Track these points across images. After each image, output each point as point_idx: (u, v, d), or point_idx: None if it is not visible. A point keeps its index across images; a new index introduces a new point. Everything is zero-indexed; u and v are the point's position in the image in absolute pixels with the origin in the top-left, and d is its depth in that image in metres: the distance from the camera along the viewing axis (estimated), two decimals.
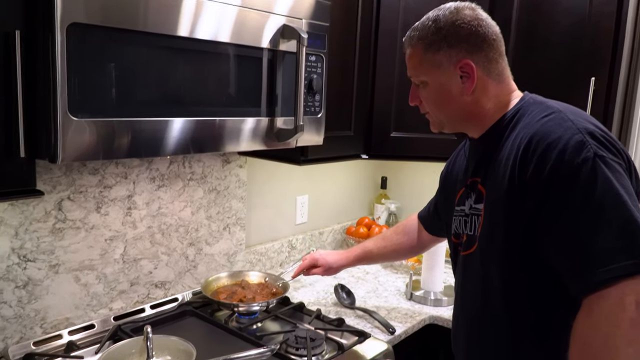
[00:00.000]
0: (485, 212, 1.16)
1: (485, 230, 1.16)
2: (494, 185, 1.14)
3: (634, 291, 0.90)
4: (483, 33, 1.14)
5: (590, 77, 1.81)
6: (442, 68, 1.16)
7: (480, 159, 1.22)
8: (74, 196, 1.49)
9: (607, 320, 0.91)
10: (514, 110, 1.17)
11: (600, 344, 0.91)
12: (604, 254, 0.92)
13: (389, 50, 1.98)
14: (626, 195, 0.95)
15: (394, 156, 2.13)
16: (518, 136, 1.09)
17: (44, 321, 1.47)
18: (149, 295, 1.73)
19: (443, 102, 1.20)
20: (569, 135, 1.00)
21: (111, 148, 1.13)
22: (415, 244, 1.73)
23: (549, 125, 1.04)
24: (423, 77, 1.20)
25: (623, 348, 0.90)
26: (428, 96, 1.22)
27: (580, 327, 0.95)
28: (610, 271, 0.91)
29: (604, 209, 0.94)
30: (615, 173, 0.96)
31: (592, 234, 0.94)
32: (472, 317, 1.25)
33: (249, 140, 1.43)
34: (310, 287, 2.04)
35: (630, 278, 0.90)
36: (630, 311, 0.89)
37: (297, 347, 1.46)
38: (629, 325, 0.90)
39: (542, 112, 1.09)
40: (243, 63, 1.38)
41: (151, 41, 1.17)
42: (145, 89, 1.18)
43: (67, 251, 1.50)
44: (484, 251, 1.17)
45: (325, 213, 2.51)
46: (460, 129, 1.27)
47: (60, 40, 1.01)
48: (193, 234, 1.84)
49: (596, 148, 0.98)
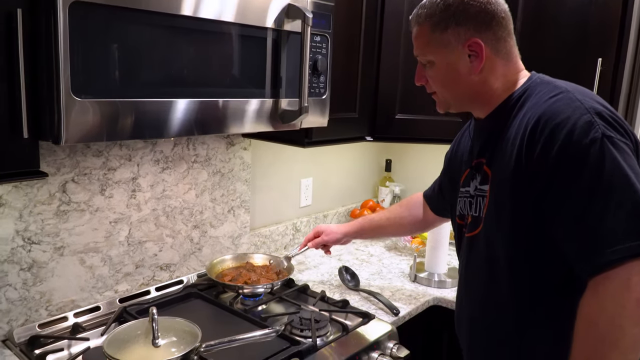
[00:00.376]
0: (490, 193, 1.15)
1: (490, 212, 1.15)
2: (500, 166, 1.12)
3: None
4: (492, 11, 1.12)
5: (598, 57, 1.79)
6: (450, 47, 1.14)
7: (486, 139, 1.21)
8: (78, 178, 1.49)
9: (613, 301, 0.91)
10: (522, 90, 1.15)
11: (606, 324, 0.91)
12: (611, 234, 0.92)
13: (394, 31, 1.96)
14: (634, 176, 0.94)
15: (398, 138, 2.12)
16: (525, 116, 1.08)
17: (49, 303, 1.48)
18: (154, 278, 1.73)
19: (450, 82, 1.18)
20: (577, 115, 0.99)
21: (115, 129, 1.12)
22: (419, 222, 1.73)
23: (557, 105, 1.03)
24: (430, 56, 1.18)
25: (629, 328, 0.90)
26: (435, 76, 1.20)
27: (587, 307, 0.95)
28: (617, 252, 0.91)
29: (611, 190, 0.93)
30: (623, 154, 0.96)
31: (599, 215, 0.93)
32: (476, 298, 1.24)
33: (253, 122, 1.42)
34: (314, 269, 2.05)
35: (637, 259, 0.90)
36: (637, 292, 0.90)
37: (301, 328, 1.46)
38: (635, 306, 0.90)
39: (550, 92, 1.08)
40: (247, 43, 1.36)
41: (154, 20, 1.16)
42: (148, 69, 1.17)
43: (72, 233, 1.50)
44: (489, 232, 1.16)
45: (330, 196, 2.51)
46: (467, 108, 1.25)
47: (63, 19, 1.00)
48: (197, 216, 1.84)
49: (604, 128, 0.97)
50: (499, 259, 1.14)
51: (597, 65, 1.79)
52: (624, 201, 0.92)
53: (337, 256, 2.20)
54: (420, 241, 2.26)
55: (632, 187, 0.93)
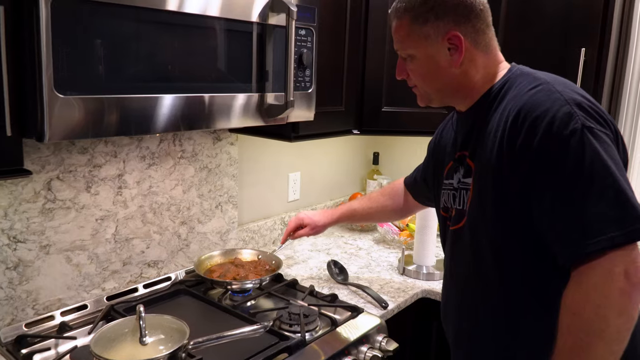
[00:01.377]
0: (474, 186, 1.16)
1: (474, 205, 1.16)
2: (482, 159, 1.13)
3: (623, 261, 0.91)
4: (470, 3, 1.13)
5: (581, 47, 1.80)
6: (429, 40, 1.14)
7: (468, 132, 1.21)
8: (64, 176, 1.47)
9: (597, 291, 0.92)
10: (502, 82, 1.16)
11: (591, 314, 0.92)
12: (593, 225, 0.93)
13: (379, 24, 1.96)
14: (614, 166, 0.95)
15: (385, 131, 2.12)
16: (506, 109, 1.08)
17: (36, 302, 1.47)
18: (142, 275, 1.72)
19: (431, 75, 1.19)
20: (557, 107, 0.99)
21: (100, 126, 1.11)
22: (400, 208, 1.74)
23: (536, 97, 1.04)
24: (410, 50, 1.18)
25: (613, 318, 0.91)
26: (416, 69, 1.20)
27: (570, 298, 0.96)
28: (599, 242, 0.92)
29: (592, 181, 0.94)
30: (603, 144, 0.97)
31: (580, 206, 0.94)
32: (462, 290, 1.25)
33: (240, 117, 1.41)
34: (303, 263, 2.05)
35: (619, 249, 0.91)
36: (620, 281, 0.91)
37: (290, 323, 1.46)
38: (619, 295, 0.91)
39: (530, 83, 1.08)
40: (232, 38, 1.35)
41: (139, 15, 1.14)
42: (133, 65, 1.16)
43: (58, 231, 1.48)
44: (474, 225, 1.17)
45: (318, 189, 2.51)
46: (448, 102, 1.25)
47: (45, 15, 0.98)
48: (185, 212, 1.83)
49: (584, 119, 0.97)
50: (484, 251, 1.15)
51: (581, 56, 1.80)
52: (605, 191, 0.93)
53: (325, 250, 2.20)
54: (408, 234, 2.27)
55: (612, 176, 0.94)
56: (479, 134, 1.15)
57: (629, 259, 0.91)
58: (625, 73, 1.91)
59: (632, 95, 1.91)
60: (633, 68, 1.89)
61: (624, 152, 1.04)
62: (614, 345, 0.92)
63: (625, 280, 0.90)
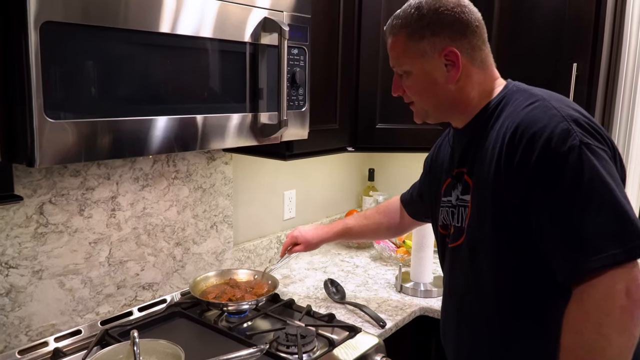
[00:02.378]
0: (472, 203, 1.15)
1: (473, 222, 1.15)
2: (480, 176, 1.12)
3: (624, 279, 0.90)
4: (466, 20, 1.13)
5: (574, 62, 1.81)
6: (426, 56, 1.14)
7: (465, 148, 1.21)
8: (56, 199, 1.46)
9: (598, 309, 0.91)
10: (498, 98, 1.16)
11: (592, 333, 0.91)
12: (593, 242, 0.92)
13: (372, 41, 1.96)
14: (613, 182, 0.94)
15: (380, 148, 2.12)
16: (503, 125, 1.08)
17: (29, 329, 1.44)
18: (137, 298, 1.70)
19: (428, 92, 1.18)
20: (555, 123, 0.99)
21: (92, 149, 1.10)
22: (395, 226, 1.73)
23: (533, 113, 1.03)
24: (406, 66, 1.18)
25: (615, 337, 0.90)
26: (412, 85, 1.20)
27: (572, 316, 0.94)
28: (600, 260, 0.91)
29: (591, 197, 0.93)
30: (601, 160, 0.96)
31: (580, 223, 0.94)
32: (462, 308, 1.24)
33: (234, 137, 1.40)
34: (300, 282, 2.03)
35: (620, 266, 0.90)
36: (621, 299, 0.90)
37: (287, 344, 1.44)
38: (620, 314, 0.90)
39: (527, 100, 1.08)
40: (225, 58, 1.35)
41: (131, 38, 1.14)
42: (126, 87, 1.15)
43: (51, 256, 1.46)
44: (473, 242, 1.16)
45: (313, 207, 2.50)
46: (444, 118, 1.25)
47: (35, 40, 0.98)
48: (180, 233, 1.81)
49: (582, 136, 0.97)
50: (483, 269, 1.14)
51: (573, 71, 1.81)
52: (604, 208, 0.92)
53: (322, 268, 2.18)
54: (405, 250, 2.25)
55: (611, 192, 0.93)
56: (477, 150, 1.15)
57: (630, 276, 0.90)
58: (617, 87, 1.92)
59: (625, 109, 1.91)
60: (624, 82, 1.90)
61: (621, 168, 1.04)
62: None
63: (627, 298, 0.89)
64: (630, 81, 1.89)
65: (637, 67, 1.87)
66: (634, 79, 1.88)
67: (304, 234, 1.77)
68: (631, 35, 1.86)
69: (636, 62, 1.87)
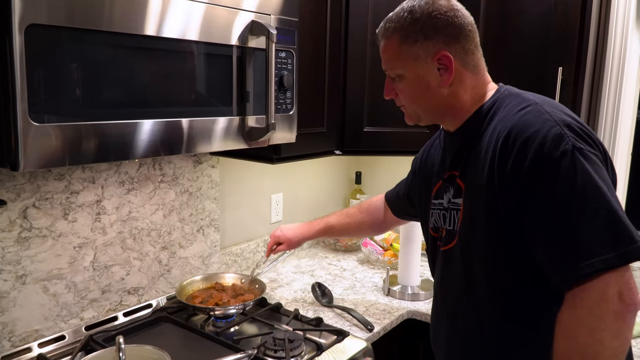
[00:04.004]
0: (464, 206, 1.15)
1: (465, 225, 1.15)
2: (472, 180, 1.13)
3: (617, 283, 0.90)
4: (459, 24, 1.13)
5: (559, 66, 1.82)
6: (419, 60, 1.14)
7: (457, 152, 1.21)
8: (40, 203, 1.44)
9: (591, 314, 0.91)
10: (490, 102, 1.16)
11: (586, 337, 0.91)
12: (586, 246, 0.92)
13: (359, 44, 1.96)
14: (605, 187, 0.95)
15: (367, 151, 2.12)
16: (496, 129, 1.08)
17: (12, 334, 1.42)
18: (122, 303, 1.68)
19: (420, 95, 1.18)
20: (547, 128, 0.99)
21: (77, 153, 1.09)
22: (378, 224, 1.74)
23: (526, 118, 1.04)
24: (399, 70, 1.17)
25: (608, 341, 0.90)
26: (405, 89, 1.19)
27: (565, 321, 0.95)
28: (593, 264, 0.91)
29: (584, 202, 0.94)
30: (593, 165, 0.96)
31: (573, 227, 0.94)
32: (453, 312, 1.23)
33: (221, 140, 1.39)
34: (287, 286, 2.02)
35: (613, 270, 0.90)
36: (614, 303, 0.90)
37: (275, 349, 1.44)
38: (613, 318, 0.90)
39: (519, 104, 1.08)
40: (212, 61, 1.34)
41: (117, 41, 1.13)
42: (112, 91, 1.14)
43: (34, 261, 1.44)
44: (465, 246, 1.16)
45: (301, 210, 2.49)
46: (436, 121, 1.25)
47: (19, 43, 0.96)
48: (166, 237, 1.80)
49: (574, 140, 0.97)
50: (475, 272, 1.14)
51: (558, 75, 1.82)
52: (597, 212, 0.93)
53: (309, 272, 2.18)
54: (392, 254, 2.26)
55: (604, 197, 0.94)
56: (469, 154, 1.15)
57: (622, 280, 0.91)
58: (602, 90, 1.93)
59: (609, 112, 1.93)
60: (609, 86, 1.92)
61: (612, 172, 1.04)
62: None
63: (620, 302, 0.90)
64: (614, 85, 1.91)
65: (621, 71, 1.89)
66: (618, 82, 1.90)
67: (285, 232, 1.78)
68: (615, 39, 1.88)
69: (620, 66, 1.89)
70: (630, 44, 1.89)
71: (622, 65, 1.89)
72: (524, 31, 1.90)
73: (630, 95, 1.98)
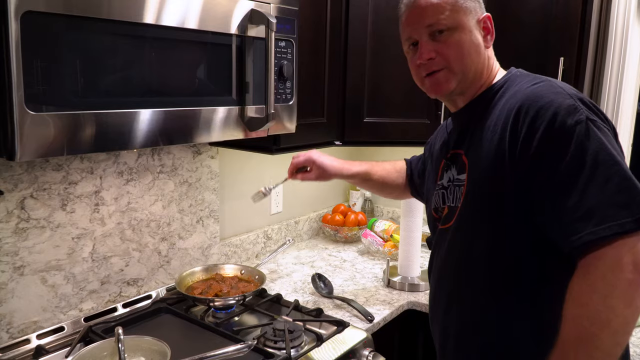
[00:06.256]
0: (468, 181, 1.14)
1: (467, 200, 1.14)
2: (479, 154, 1.12)
3: (631, 250, 0.90)
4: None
5: (560, 56, 1.81)
6: (471, 15, 1.16)
7: (462, 130, 1.21)
8: (37, 194, 1.43)
9: (604, 281, 0.90)
10: (503, 80, 1.18)
11: (598, 305, 0.90)
12: (602, 211, 0.92)
13: (360, 34, 1.95)
14: (618, 155, 0.96)
15: (367, 142, 2.11)
16: (507, 103, 1.09)
17: (10, 326, 1.41)
18: (121, 294, 1.68)
19: (472, 50, 1.16)
20: (561, 99, 1.00)
21: (75, 143, 1.08)
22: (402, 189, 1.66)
23: (539, 90, 1.05)
24: (455, 21, 1.14)
25: (621, 309, 0.89)
26: (458, 42, 1.15)
27: (577, 288, 0.94)
28: (611, 228, 0.90)
29: (598, 167, 0.94)
30: (606, 136, 0.97)
31: (589, 193, 0.93)
32: (451, 290, 1.22)
33: (220, 130, 1.38)
34: (287, 277, 2.02)
35: (628, 236, 0.90)
36: (628, 271, 0.89)
37: (275, 340, 1.43)
38: (627, 286, 0.89)
39: (532, 81, 1.10)
40: (211, 50, 1.33)
41: (115, 29, 1.11)
42: (110, 79, 1.13)
43: (32, 252, 1.43)
44: (466, 222, 1.15)
45: (301, 202, 2.48)
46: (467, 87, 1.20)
47: (15, 30, 0.95)
48: (165, 228, 1.79)
49: (587, 112, 0.98)
50: (474, 248, 1.13)
51: (559, 65, 1.81)
52: (612, 178, 0.93)
53: (309, 263, 2.17)
54: (392, 245, 2.25)
55: (618, 164, 0.94)
56: (476, 130, 1.15)
57: (636, 248, 0.90)
58: (603, 81, 1.92)
59: (610, 102, 1.92)
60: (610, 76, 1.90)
61: (620, 149, 1.04)
62: (620, 336, 0.90)
63: (634, 270, 0.89)
64: (615, 76, 1.90)
65: (622, 62, 1.88)
66: (619, 73, 1.89)
67: (322, 159, 1.59)
68: (616, 30, 1.86)
69: (621, 57, 1.88)
70: (631, 34, 1.87)
71: (623, 55, 1.88)
72: (526, 21, 1.88)
73: (631, 86, 1.97)
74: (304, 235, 2.49)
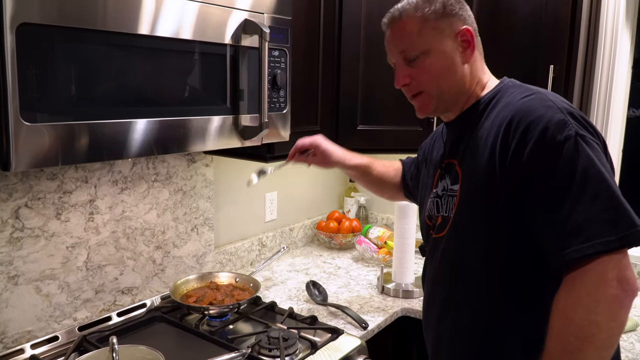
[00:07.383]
0: (461, 192, 1.15)
1: (460, 211, 1.15)
2: (472, 165, 1.13)
3: (616, 267, 0.91)
4: (468, 7, 1.18)
5: (550, 64, 1.83)
6: (443, 35, 1.15)
7: (456, 140, 1.22)
8: (32, 203, 1.43)
9: (589, 296, 0.92)
10: (494, 91, 1.18)
11: (582, 319, 0.91)
12: (588, 228, 0.93)
13: (353, 43, 1.96)
14: (606, 172, 0.96)
15: (361, 149, 2.10)
16: (499, 115, 1.10)
17: (4, 336, 1.41)
18: (116, 303, 1.68)
19: (445, 72, 1.17)
20: (551, 113, 1.01)
21: (70, 153, 1.08)
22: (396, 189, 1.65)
23: (530, 103, 1.05)
24: (424, 46, 1.15)
25: (605, 323, 0.91)
26: (429, 67, 1.16)
27: (562, 302, 0.95)
28: (595, 246, 0.91)
29: (586, 184, 0.95)
30: (595, 152, 0.98)
31: (575, 210, 0.94)
32: (445, 298, 1.23)
33: (215, 139, 1.39)
34: (281, 284, 2.02)
35: (613, 253, 0.91)
36: (612, 287, 0.90)
37: (270, 347, 1.44)
38: (611, 301, 0.91)
39: (523, 93, 1.10)
40: (206, 60, 1.34)
41: (110, 40, 1.12)
42: (105, 90, 1.14)
43: (27, 261, 1.43)
44: (459, 232, 1.16)
45: (295, 209, 2.49)
46: (449, 107, 1.22)
47: (10, 42, 0.96)
48: (160, 236, 1.79)
49: (577, 127, 0.99)
50: (469, 258, 1.14)
51: (549, 73, 1.83)
52: (599, 195, 0.94)
53: (304, 270, 2.18)
54: (386, 251, 2.26)
55: (606, 182, 0.95)
56: (469, 140, 1.16)
57: (621, 264, 0.91)
58: (592, 88, 1.94)
59: (600, 109, 1.94)
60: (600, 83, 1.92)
61: (610, 164, 1.06)
62: (604, 350, 0.92)
63: (619, 286, 0.90)
64: (605, 83, 1.92)
65: (611, 69, 1.90)
66: (609, 80, 1.91)
67: (329, 146, 1.57)
68: (605, 38, 1.89)
69: (610, 65, 1.90)
70: (620, 42, 1.90)
71: (613, 63, 1.90)
72: (516, 29, 1.90)
73: (620, 93, 1.99)
74: (299, 242, 2.49)
